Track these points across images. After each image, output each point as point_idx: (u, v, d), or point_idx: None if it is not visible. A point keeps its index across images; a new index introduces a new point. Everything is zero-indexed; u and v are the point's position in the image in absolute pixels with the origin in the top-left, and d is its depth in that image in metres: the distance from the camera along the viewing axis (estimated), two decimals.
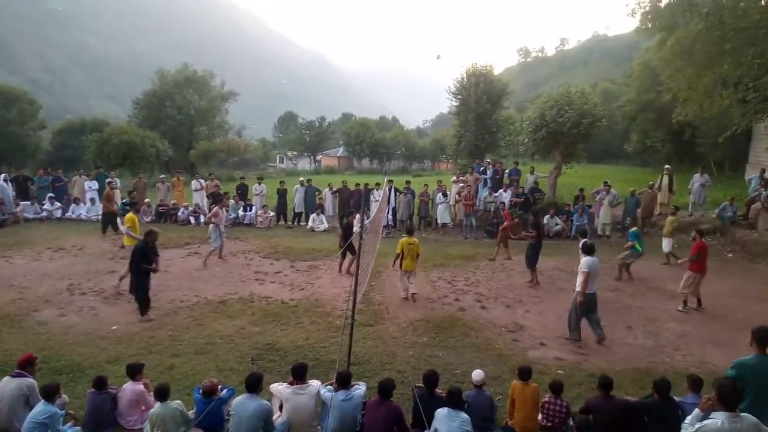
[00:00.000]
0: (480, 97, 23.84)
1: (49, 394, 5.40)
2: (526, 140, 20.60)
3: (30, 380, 5.74)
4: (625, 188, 18.29)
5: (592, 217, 17.12)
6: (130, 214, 11.96)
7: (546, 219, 16.32)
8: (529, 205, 17.50)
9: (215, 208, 13.64)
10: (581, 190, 17.87)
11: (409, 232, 10.96)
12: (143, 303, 9.17)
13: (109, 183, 18.56)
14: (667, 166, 18.28)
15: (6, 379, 5.75)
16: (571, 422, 5.74)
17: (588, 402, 5.67)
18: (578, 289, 8.23)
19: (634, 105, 32.32)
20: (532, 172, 19.34)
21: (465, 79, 24.80)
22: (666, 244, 13.57)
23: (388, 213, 17.18)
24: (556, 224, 16.67)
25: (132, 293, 9.36)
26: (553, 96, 19.47)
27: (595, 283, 8.35)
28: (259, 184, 19.98)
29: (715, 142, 23.45)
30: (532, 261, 11.73)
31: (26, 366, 5.84)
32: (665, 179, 17.54)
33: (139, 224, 12.15)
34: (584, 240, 9.44)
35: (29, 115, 38.55)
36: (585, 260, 8.27)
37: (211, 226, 13.36)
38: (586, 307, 8.28)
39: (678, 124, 23.72)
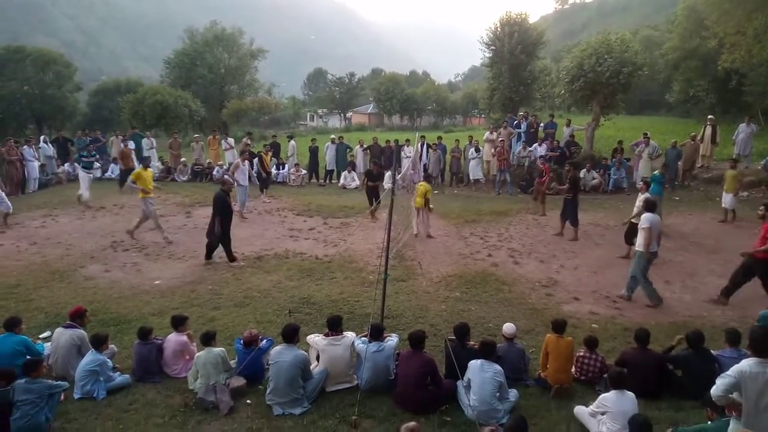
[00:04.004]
0: (514, 48, 22.93)
1: (98, 343, 5.77)
2: (563, 92, 19.98)
3: (81, 331, 6.08)
4: (666, 140, 17.62)
5: (631, 170, 16.57)
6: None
7: (582, 173, 15.92)
8: (565, 159, 17.09)
9: (236, 161, 13.65)
10: (620, 142, 17.34)
11: (427, 179, 12.22)
12: (227, 249, 9.84)
13: (124, 143, 19.02)
14: (710, 117, 17.45)
15: (59, 330, 6.11)
16: (605, 376, 5.70)
17: (624, 354, 5.64)
18: (640, 249, 7.87)
19: (677, 52, 30.64)
20: (568, 125, 18.75)
21: (498, 29, 23.84)
22: (728, 201, 12.32)
23: (420, 169, 17.05)
24: (593, 178, 16.27)
25: (208, 236, 9.93)
26: (592, 44, 18.65)
27: (655, 242, 7.97)
28: (290, 142, 20.00)
29: (763, 90, 22.33)
30: (574, 218, 11.50)
31: (77, 318, 6.19)
32: (708, 130, 16.77)
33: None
34: (647, 195, 8.89)
35: (66, 77, 39.21)
36: (645, 216, 7.88)
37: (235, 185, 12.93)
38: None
39: (723, 72, 22.53)
